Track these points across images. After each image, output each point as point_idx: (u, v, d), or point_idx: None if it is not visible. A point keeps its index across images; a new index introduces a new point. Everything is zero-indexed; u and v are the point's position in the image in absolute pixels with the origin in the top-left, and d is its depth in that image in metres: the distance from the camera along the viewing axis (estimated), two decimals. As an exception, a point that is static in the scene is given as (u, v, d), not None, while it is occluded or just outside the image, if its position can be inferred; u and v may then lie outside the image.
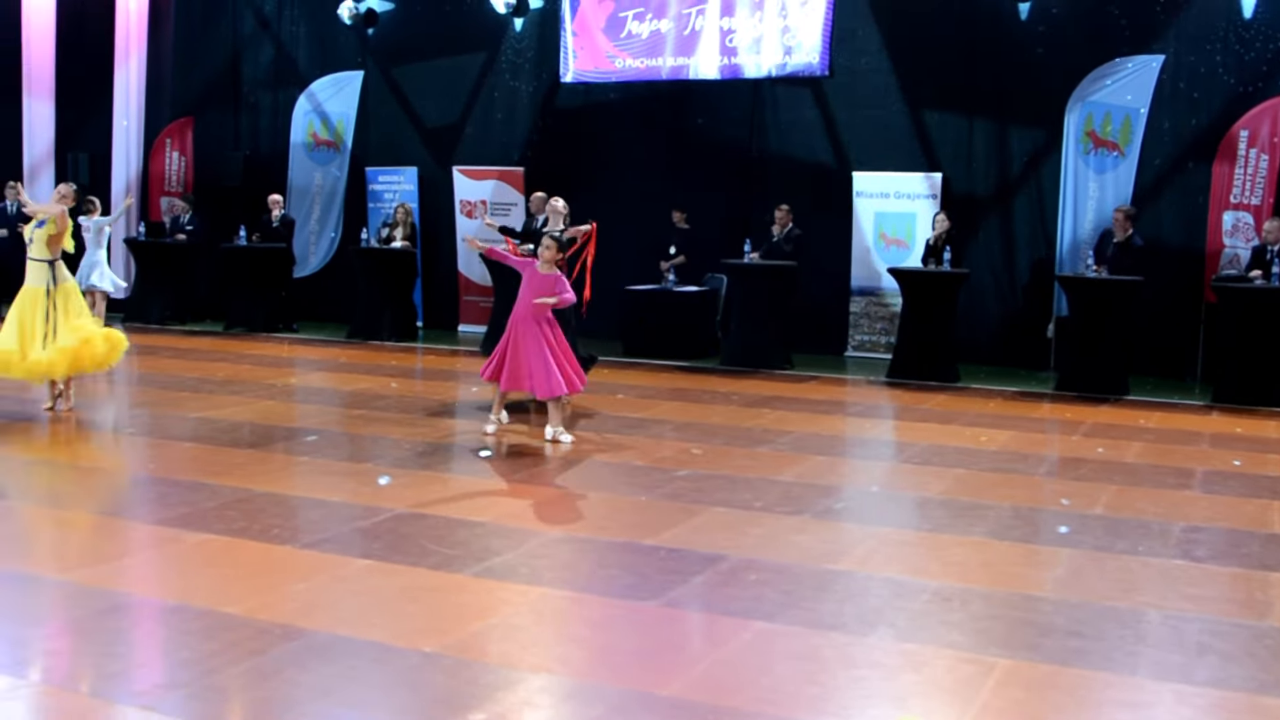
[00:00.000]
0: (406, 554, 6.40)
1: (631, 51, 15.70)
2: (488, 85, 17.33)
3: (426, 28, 17.63)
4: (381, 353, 15.00)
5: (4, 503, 7.56)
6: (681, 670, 4.95)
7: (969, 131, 14.62)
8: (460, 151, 17.26)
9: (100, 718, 4.48)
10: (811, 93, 15.29)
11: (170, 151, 19.36)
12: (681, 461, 8.86)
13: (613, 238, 15.92)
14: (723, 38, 15.09)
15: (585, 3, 15.95)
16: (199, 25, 19.49)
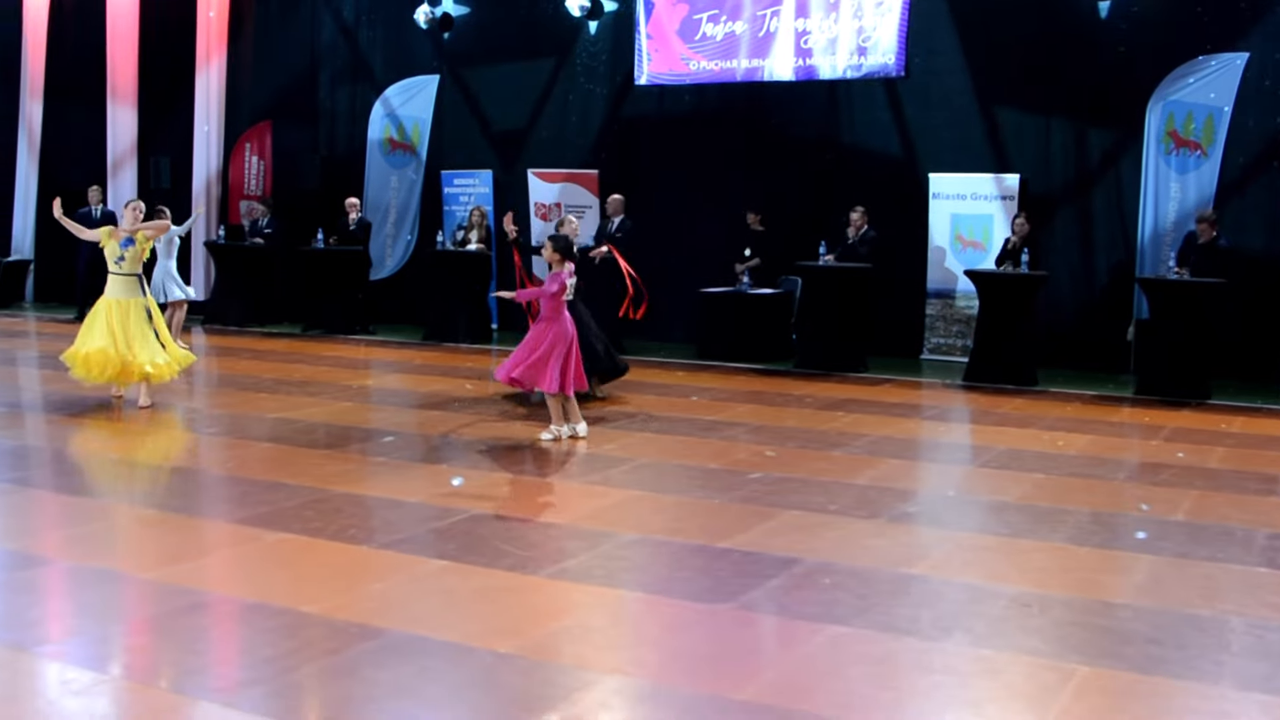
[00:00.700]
0: (482, 555, 6.44)
1: (706, 53, 15.68)
2: (562, 88, 17.39)
3: (501, 31, 17.72)
4: (456, 355, 15.09)
5: (89, 500, 7.69)
6: (755, 674, 4.94)
7: (1046, 132, 14.45)
8: (534, 154, 17.32)
9: (181, 713, 4.55)
10: (887, 93, 15.20)
11: (249, 156, 19.61)
12: (756, 464, 8.84)
13: (687, 240, 15.99)
14: (797, 39, 15.04)
15: (660, 5, 15.96)
16: (278, 31, 19.73)
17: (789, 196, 15.54)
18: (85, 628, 5.46)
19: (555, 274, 9.65)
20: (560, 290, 9.62)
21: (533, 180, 17.03)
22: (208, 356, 14.72)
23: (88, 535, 6.97)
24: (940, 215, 14.70)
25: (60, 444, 9.66)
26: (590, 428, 10.20)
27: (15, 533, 7.03)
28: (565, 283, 9.67)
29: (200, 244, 19.11)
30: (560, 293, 9.62)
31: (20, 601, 5.79)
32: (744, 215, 15.31)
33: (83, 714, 4.52)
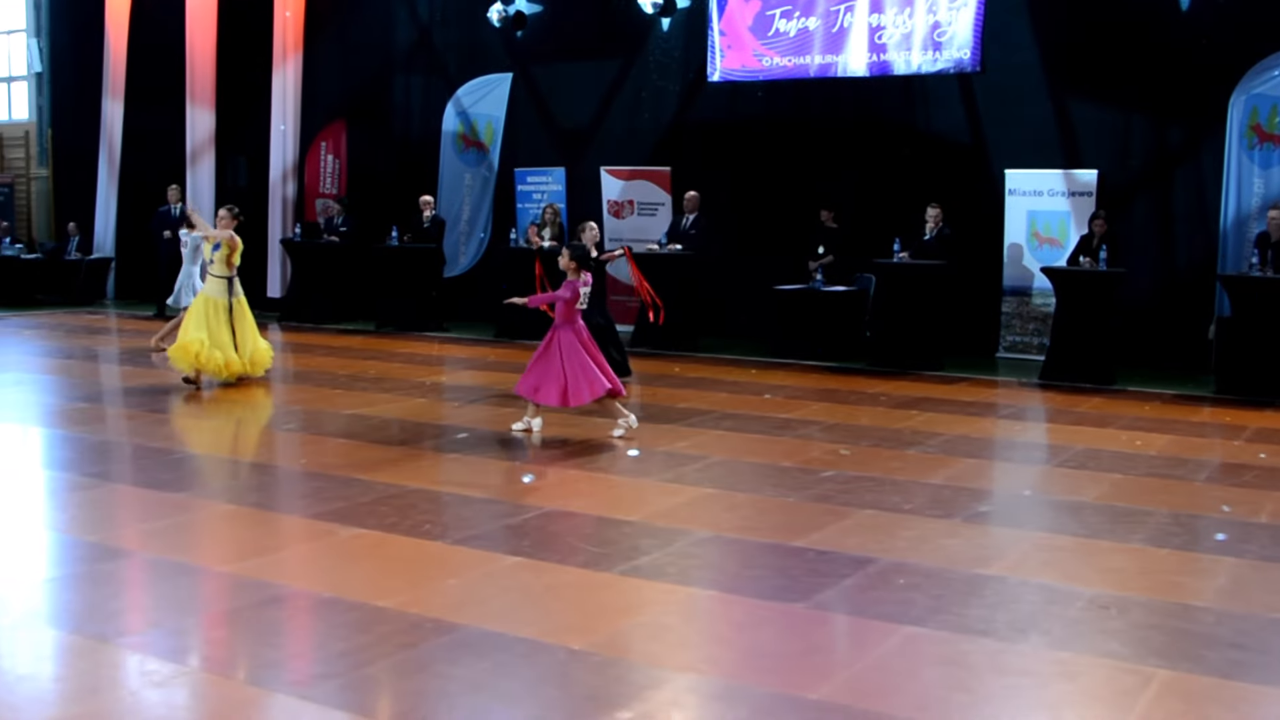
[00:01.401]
0: (555, 551, 6.46)
1: (779, 50, 15.62)
2: (634, 85, 17.41)
3: (574, 29, 17.76)
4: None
5: (167, 495, 7.79)
6: (829, 674, 4.92)
7: (1125, 126, 14.26)
8: (607, 151, 17.35)
9: (257, 705, 4.60)
10: (962, 88, 15.06)
11: (325, 154, 19.81)
12: (829, 463, 8.79)
13: (760, 238, 15.95)
14: (871, 34, 14.94)
15: (733, 2, 15.92)
16: (353, 31, 19.91)
17: (863, 193, 15.45)
18: (164, 620, 5.54)
19: (570, 281, 9.73)
20: (574, 298, 9.70)
21: (605, 177, 17.06)
22: (283, 353, 14.87)
23: (167, 529, 7.06)
24: (1016, 211, 14.54)
25: (139, 439, 9.80)
26: (661, 425, 10.20)
27: (96, 526, 7.15)
28: (580, 291, 9.73)
29: (276, 242, 19.33)
30: (574, 300, 9.70)
31: (102, 594, 5.89)
32: (817, 212, 15.24)
33: (162, 705, 4.58)
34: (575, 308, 9.75)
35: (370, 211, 18.73)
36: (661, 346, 15.04)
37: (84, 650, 5.12)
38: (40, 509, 7.82)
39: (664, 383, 12.73)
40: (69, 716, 4.46)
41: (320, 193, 19.83)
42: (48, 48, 24.04)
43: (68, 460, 9.19)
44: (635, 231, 16.64)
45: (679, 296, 15.30)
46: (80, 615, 5.56)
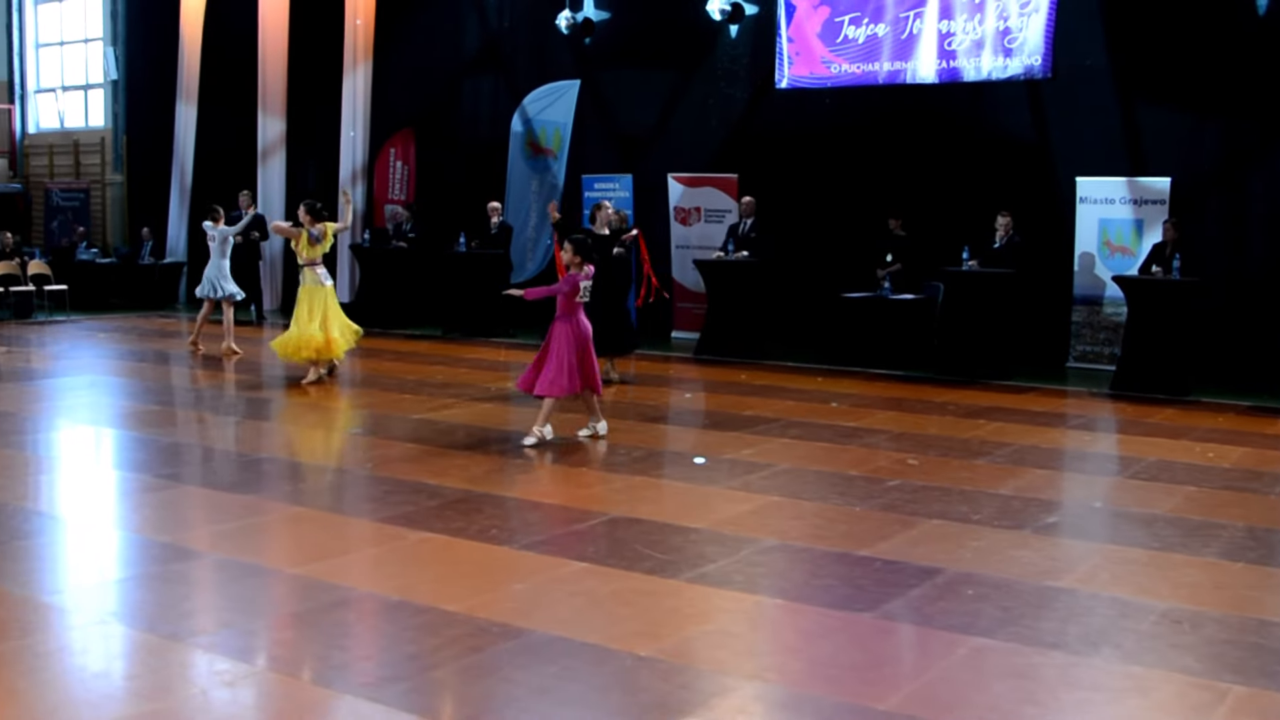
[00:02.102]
0: (621, 558, 6.46)
1: (847, 56, 15.55)
2: (702, 92, 17.40)
3: (641, 36, 17.79)
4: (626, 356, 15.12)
5: (237, 497, 7.88)
6: (896, 684, 4.88)
7: (1198, 133, 14.06)
8: (674, 158, 17.34)
9: (324, 706, 4.64)
10: (1032, 95, 14.91)
11: (393, 161, 19.96)
12: (897, 472, 8.74)
13: (827, 245, 15.88)
14: (941, 41, 14.84)
15: (801, 8, 15.87)
16: (422, 38, 20.05)
17: (932, 201, 15.34)
18: (234, 621, 5.60)
19: (570, 275, 9.61)
20: (573, 291, 9.56)
21: (672, 184, 17.05)
22: (352, 358, 14.98)
23: (237, 531, 7.14)
24: (1088, 220, 14.37)
25: (210, 441, 9.92)
26: (727, 433, 10.18)
27: (168, 527, 7.24)
28: (579, 284, 9.59)
29: (346, 247, 19.51)
30: (574, 293, 9.57)
31: (173, 594, 5.96)
32: (885, 220, 15.16)
33: (231, 704, 4.64)
34: (575, 300, 9.60)
35: (438, 218, 18.85)
36: (728, 353, 15.01)
37: (156, 649, 5.19)
38: (113, 510, 7.94)
39: (730, 390, 12.70)
40: (141, 714, 4.52)
41: (389, 199, 19.98)
42: (124, 56, 24.43)
43: (140, 462, 9.32)
44: (702, 238, 16.63)
45: (745, 303, 15.30)
46: (152, 615, 5.64)
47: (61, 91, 26.45)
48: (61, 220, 25.10)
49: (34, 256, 21.91)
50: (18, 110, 26.58)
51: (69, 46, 26.22)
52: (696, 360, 15.08)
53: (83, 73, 25.96)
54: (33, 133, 26.71)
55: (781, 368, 14.27)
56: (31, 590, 6.02)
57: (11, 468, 8.93)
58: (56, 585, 6.26)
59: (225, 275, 15.39)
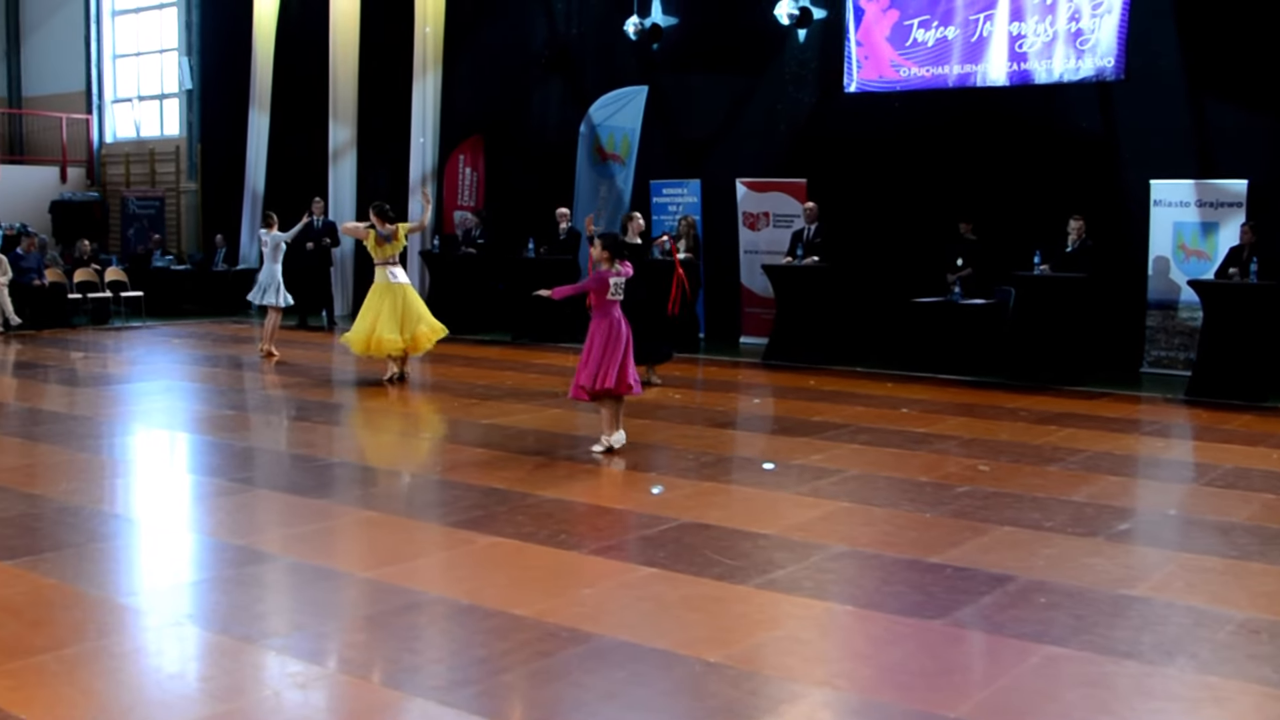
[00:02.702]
0: (690, 563, 6.45)
1: (917, 60, 15.46)
2: (770, 97, 17.35)
3: (710, 41, 17.78)
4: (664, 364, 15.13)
5: (309, 500, 7.95)
6: (968, 692, 4.84)
7: (1276, 134, 13.81)
8: (742, 163, 17.31)
9: (395, 709, 4.68)
10: (1106, 97, 14.74)
11: (463, 167, 20.08)
12: (968, 478, 8.66)
13: (897, 250, 15.78)
14: (1011, 43, 14.70)
15: (870, 12, 15.80)
16: (491, 45, 20.17)
17: (1003, 204, 15.19)
18: (306, 623, 5.65)
19: (600, 271, 9.42)
20: (603, 287, 9.39)
21: (741, 189, 17.03)
22: (422, 363, 15.09)
23: (309, 535, 7.22)
24: (1162, 223, 14.17)
25: (283, 446, 10.03)
26: (796, 438, 10.14)
27: (242, 530, 7.33)
28: (609, 280, 9.39)
29: (415, 253, 19.65)
30: (603, 290, 9.39)
31: (247, 596, 6.03)
32: (956, 224, 15.04)
33: (303, 706, 4.68)
34: (607, 298, 9.43)
35: (507, 224, 18.94)
36: (796, 359, 14.96)
37: (229, 651, 5.25)
38: (188, 513, 8.04)
39: (799, 395, 12.66)
40: (214, 715, 4.57)
41: (458, 205, 20.11)
42: (198, 66, 24.77)
43: (214, 466, 9.44)
44: (770, 243, 16.60)
45: (814, 308, 15.24)
46: (226, 617, 5.70)
47: (137, 101, 26.87)
48: (137, 228, 25.51)
49: (111, 263, 22.28)
50: (95, 120, 27.04)
51: (145, 57, 26.63)
52: (765, 365, 15.05)
53: (158, 83, 26.35)
54: (110, 142, 27.15)
55: (851, 373, 14.20)
56: (108, 592, 6.11)
57: (89, 471, 9.09)
58: (133, 587, 6.36)
59: (276, 280, 15.61)
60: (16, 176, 25.90)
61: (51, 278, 20.15)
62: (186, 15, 24.93)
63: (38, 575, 6.24)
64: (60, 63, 27.45)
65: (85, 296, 20.52)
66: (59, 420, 11.39)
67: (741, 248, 17.03)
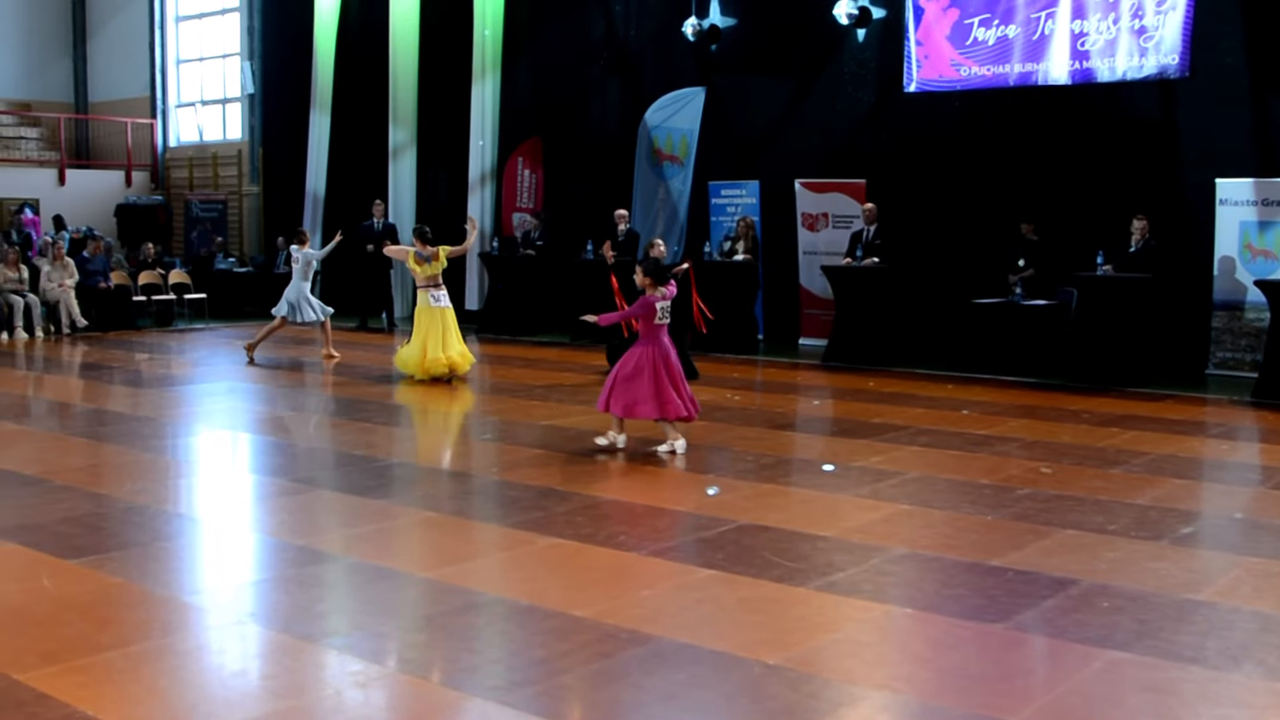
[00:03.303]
0: (749, 565, 6.43)
1: (977, 59, 15.34)
2: (829, 97, 17.29)
3: (768, 42, 17.74)
4: (722, 365, 15.14)
5: (370, 501, 8.01)
6: (1030, 697, 4.79)
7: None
8: (801, 164, 17.24)
9: (455, 709, 4.70)
10: (1169, 95, 14.56)
11: (522, 169, 20.15)
12: (1029, 481, 8.58)
13: (958, 250, 15.67)
14: (1074, 41, 14.55)
15: (930, 11, 15.70)
16: (549, 47, 20.23)
17: (1065, 204, 15.05)
18: (366, 623, 5.69)
19: (646, 298, 9.51)
20: (650, 313, 9.48)
21: (800, 190, 16.98)
22: (481, 364, 15.16)
23: (369, 535, 7.26)
24: (1228, 222, 13.97)
25: (343, 447, 10.09)
26: (856, 440, 10.09)
27: (303, 530, 7.39)
28: (655, 306, 9.48)
29: (475, 255, 19.76)
30: (651, 315, 9.48)
31: (308, 596, 6.08)
32: (1017, 224, 14.91)
33: (363, 705, 4.71)
34: (655, 323, 9.54)
35: (566, 225, 18.98)
36: (856, 360, 14.90)
37: (291, 649, 5.29)
38: (250, 513, 8.12)
39: (858, 397, 12.60)
40: (276, 712, 4.61)
41: (517, 207, 20.18)
42: (260, 70, 25.01)
43: (276, 466, 9.53)
44: (829, 244, 16.53)
45: (873, 309, 15.17)
46: (288, 616, 5.75)
47: (201, 106, 27.18)
48: (200, 231, 25.80)
49: (174, 266, 22.57)
50: (159, 125, 27.38)
51: (207, 62, 26.93)
52: (824, 367, 14.99)
53: (220, 87, 26.64)
54: (173, 146, 27.49)
55: (911, 375, 14.12)
56: (173, 590, 6.18)
57: (153, 471, 9.19)
58: (196, 586, 6.43)
59: (306, 297, 15.65)
60: (83, 181, 26.31)
61: (117, 280, 20.44)
62: (249, 20, 25.19)
63: (104, 574, 6.32)
64: (125, 68, 27.85)
65: (149, 299, 20.79)
66: (124, 421, 11.54)
67: (800, 249, 16.98)
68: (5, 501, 8.04)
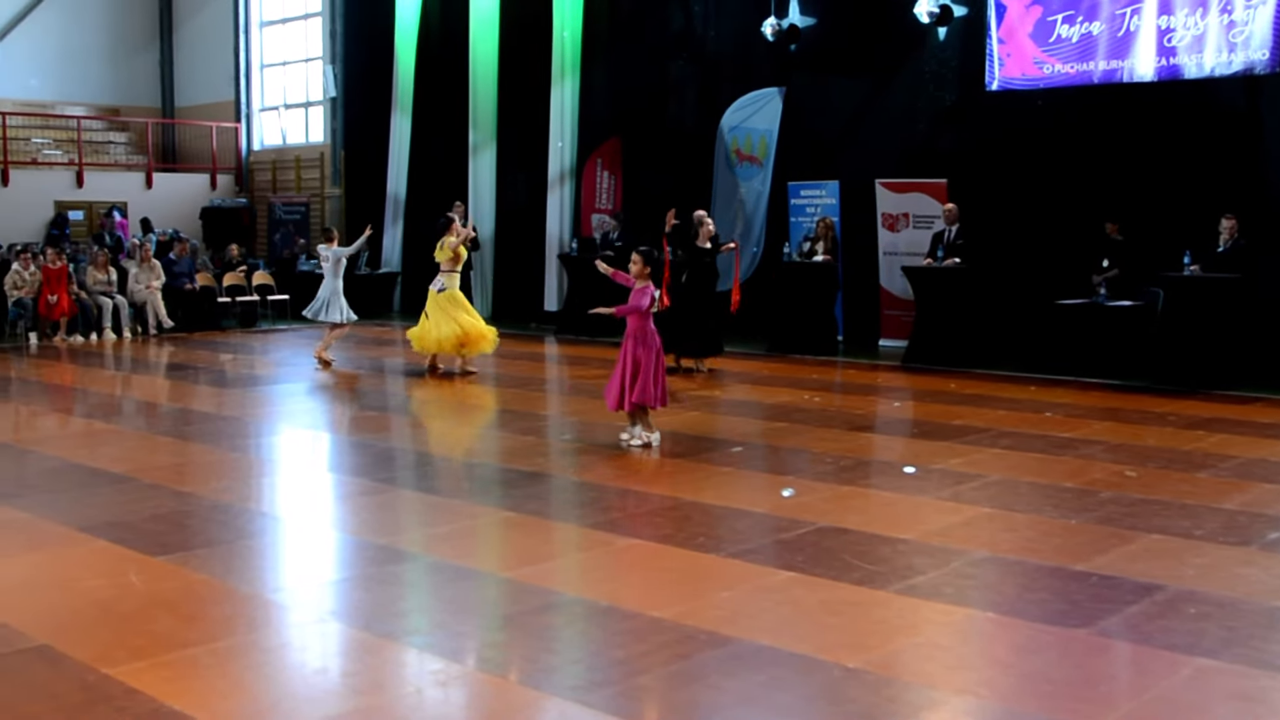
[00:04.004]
0: (829, 567, 6.40)
1: (1061, 56, 15.15)
2: (909, 96, 17.14)
3: (848, 41, 17.62)
4: (801, 367, 15.08)
5: (450, 501, 8.06)
6: (1113, 704, 4.73)
7: None
8: (881, 163, 17.11)
9: (533, 708, 4.72)
10: (1257, 91, 14.28)
11: (600, 170, 20.18)
12: (1114, 484, 8.46)
13: (1041, 250, 15.47)
14: (1160, 37, 14.33)
15: (1012, 9, 15.52)
16: (628, 48, 20.23)
17: (1151, 203, 14.81)
18: (447, 622, 5.73)
19: (643, 288, 9.64)
20: (651, 303, 9.66)
21: (880, 190, 16.85)
22: (559, 365, 15.22)
23: (449, 534, 7.31)
24: (1319, 222, 13.69)
25: (423, 447, 10.17)
26: (937, 442, 10.01)
27: (385, 530, 7.46)
28: (654, 296, 9.69)
29: (554, 256, 19.83)
30: (650, 306, 9.67)
31: (390, 594, 6.13)
32: (1101, 223, 14.70)
33: (442, 703, 4.74)
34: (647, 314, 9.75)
35: (645, 226, 18.98)
36: (937, 362, 14.77)
37: (372, 647, 5.34)
38: (332, 512, 8.20)
39: (939, 399, 12.48)
40: (357, 710, 4.66)
41: (596, 208, 20.22)
42: (342, 74, 25.27)
43: (357, 466, 9.62)
44: (910, 244, 16.39)
45: (955, 310, 15.03)
46: (369, 614, 5.80)
47: (283, 109, 27.52)
48: (283, 233, 26.11)
49: (258, 267, 22.87)
50: (243, 128, 27.75)
51: (290, 66, 27.27)
52: (904, 368, 14.88)
53: (303, 91, 26.96)
54: (257, 149, 27.86)
55: (992, 376, 13.96)
56: (256, 588, 6.27)
57: (237, 470, 9.32)
58: (279, 583, 6.51)
59: (338, 296, 15.35)
60: (169, 184, 26.76)
61: (202, 282, 20.76)
62: (331, 24, 25.45)
63: (190, 571, 6.42)
64: (210, 73, 28.26)
65: (234, 300, 21.08)
66: (209, 420, 11.71)
67: (881, 249, 16.86)
68: (95, 499, 8.19)
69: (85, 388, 14.37)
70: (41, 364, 16.17)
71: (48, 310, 18.38)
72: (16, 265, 18.82)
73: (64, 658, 5.16)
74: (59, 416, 12.26)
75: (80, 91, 27.72)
